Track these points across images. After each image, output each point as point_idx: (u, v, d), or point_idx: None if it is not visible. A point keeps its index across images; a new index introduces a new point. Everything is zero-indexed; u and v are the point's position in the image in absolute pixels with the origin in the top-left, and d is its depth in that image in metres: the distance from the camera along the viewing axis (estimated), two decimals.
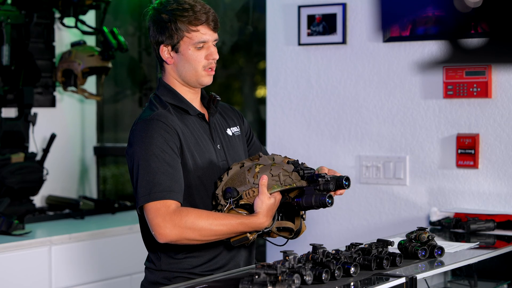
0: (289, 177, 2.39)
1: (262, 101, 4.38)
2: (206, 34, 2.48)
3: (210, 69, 2.51)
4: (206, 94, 2.62)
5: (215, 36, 2.51)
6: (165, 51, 2.50)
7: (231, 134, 2.61)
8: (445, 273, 3.24)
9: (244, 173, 2.39)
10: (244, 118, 2.73)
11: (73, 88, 4.43)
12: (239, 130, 2.65)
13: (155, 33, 2.51)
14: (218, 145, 2.53)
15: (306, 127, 3.88)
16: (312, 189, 2.36)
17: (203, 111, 2.58)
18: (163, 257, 2.49)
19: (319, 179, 2.36)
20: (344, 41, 3.78)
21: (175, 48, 2.49)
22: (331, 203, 2.35)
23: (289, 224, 2.45)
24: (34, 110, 4.20)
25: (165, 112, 2.47)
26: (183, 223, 2.30)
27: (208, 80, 2.53)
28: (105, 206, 4.37)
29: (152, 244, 2.50)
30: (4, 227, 3.58)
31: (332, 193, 2.39)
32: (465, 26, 1.28)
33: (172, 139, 2.41)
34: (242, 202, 2.38)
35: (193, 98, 2.56)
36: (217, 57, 2.51)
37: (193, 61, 2.49)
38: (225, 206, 2.38)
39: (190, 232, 2.30)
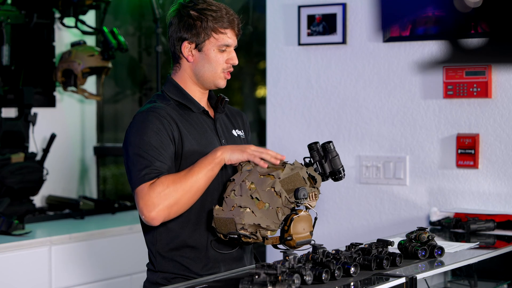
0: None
1: (262, 101, 4.38)
2: (231, 39, 2.52)
3: (227, 73, 2.54)
4: (215, 95, 2.63)
5: (236, 42, 2.55)
6: (187, 48, 2.51)
7: (236, 135, 2.62)
8: (445, 273, 3.24)
9: (299, 176, 2.37)
10: (250, 133, 2.74)
11: (73, 88, 4.43)
12: (243, 134, 2.66)
13: (178, 29, 2.52)
14: (223, 140, 2.54)
15: (306, 127, 3.88)
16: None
17: (209, 110, 2.60)
18: (158, 257, 2.49)
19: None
20: (344, 41, 3.78)
21: (198, 47, 2.50)
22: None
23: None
24: (34, 110, 4.20)
25: (164, 105, 2.49)
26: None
27: (223, 83, 2.55)
28: (105, 206, 4.37)
29: (148, 242, 2.53)
30: (4, 227, 3.58)
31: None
32: (465, 26, 1.28)
33: (168, 125, 2.43)
34: (304, 204, 2.37)
35: (201, 98, 2.58)
36: (237, 62, 2.54)
37: (214, 62, 2.51)
38: (294, 203, 2.34)
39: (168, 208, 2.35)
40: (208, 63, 2.51)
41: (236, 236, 2.33)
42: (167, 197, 2.32)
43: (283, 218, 2.33)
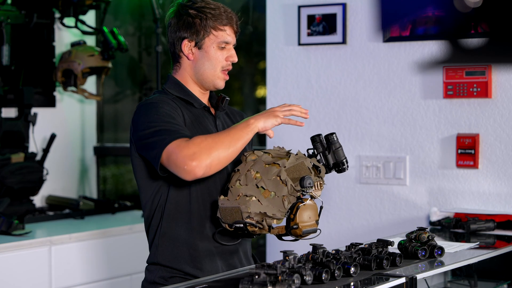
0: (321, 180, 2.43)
1: (262, 101, 4.38)
2: (230, 36, 2.54)
3: (226, 72, 2.55)
4: (215, 95, 2.65)
5: (235, 40, 2.58)
6: (187, 47, 2.53)
7: None
8: (445, 273, 3.24)
9: (304, 165, 2.37)
10: None
11: (73, 88, 4.43)
12: None
13: (178, 28, 2.54)
14: None
15: (306, 127, 3.88)
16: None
17: (210, 108, 2.62)
18: (157, 252, 2.50)
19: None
20: (344, 41, 3.78)
21: (198, 45, 2.52)
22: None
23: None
24: (34, 110, 4.20)
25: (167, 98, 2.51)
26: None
27: (222, 84, 2.57)
28: (105, 206, 4.37)
29: (151, 236, 2.54)
30: (4, 227, 3.58)
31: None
32: (465, 26, 1.28)
33: (177, 109, 2.45)
34: (309, 193, 2.36)
35: (202, 96, 2.60)
36: (236, 60, 2.56)
37: (214, 60, 2.52)
38: (300, 192, 2.34)
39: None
40: (208, 61, 2.52)
41: (242, 225, 2.33)
42: (208, 147, 2.28)
43: (289, 207, 2.33)
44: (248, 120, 2.39)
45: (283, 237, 2.41)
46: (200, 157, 2.26)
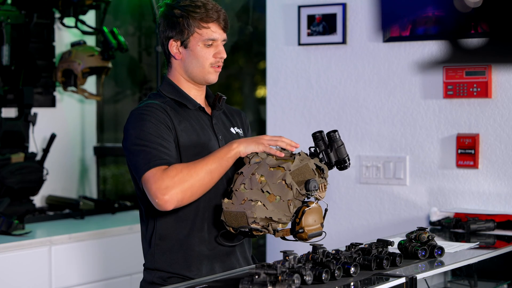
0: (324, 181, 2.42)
1: (262, 101, 4.38)
2: (216, 33, 2.52)
3: (217, 67, 2.54)
4: (212, 94, 2.64)
5: (224, 36, 2.55)
6: (174, 46, 2.53)
7: (234, 132, 2.62)
8: (445, 273, 3.24)
9: (308, 167, 2.36)
10: (250, 129, 2.74)
11: (73, 88, 4.43)
12: (242, 132, 2.66)
13: (165, 28, 2.56)
14: (220, 136, 2.55)
15: (306, 127, 3.88)
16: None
17: (207, 108, 2.61)
18: (154, 256, 2.50)
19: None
20: (344, 41, 3.78)
21: (184, 44, 2.52)
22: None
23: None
24: (34, 110, 4.20)
25: (160, 102, 2.51)
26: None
27: (214, 77, 2.55)
28: (105, 206, 4.37)
29: (144, 241, 2.54)
30: (4, 227, 3.58)
31: None
32: (465, 26, 1.28)
33: (166, 121, 2.45)
34: (314, 195, 2.36)
35: (197, 95, 2.59)
36: (224, 56, 2.55)
37: (201, 58, 2.52)
38: (305, 195, 2.33)
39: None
40: (195, 59, 2.52)
41: (247, 230, 2.32)
42: (181, 181, 2.31)
43: (294, 211, 2.32)
44: (232, 144, 2.40)
45: (286, 238, 2.41)
46: (171, 191, 2.30)
